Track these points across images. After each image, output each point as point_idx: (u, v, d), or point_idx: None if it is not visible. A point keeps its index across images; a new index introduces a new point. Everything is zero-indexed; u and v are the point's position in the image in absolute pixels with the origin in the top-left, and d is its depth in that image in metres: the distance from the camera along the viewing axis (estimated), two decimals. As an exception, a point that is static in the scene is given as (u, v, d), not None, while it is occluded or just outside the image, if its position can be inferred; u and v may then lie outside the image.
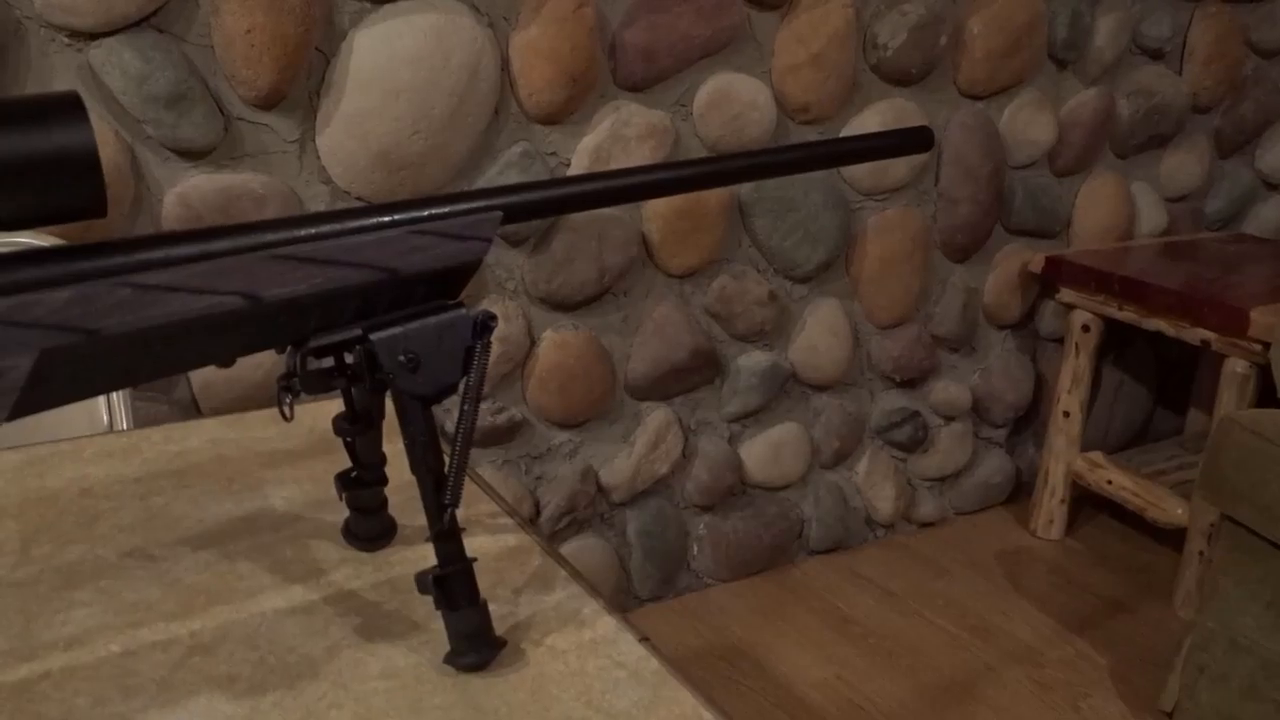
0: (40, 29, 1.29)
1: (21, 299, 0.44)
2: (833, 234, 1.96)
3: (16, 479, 0.73)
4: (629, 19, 1.67)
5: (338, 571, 0.63)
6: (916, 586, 2.08)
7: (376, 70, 1.48)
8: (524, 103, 1.62)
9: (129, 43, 1.32)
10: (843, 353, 2.05)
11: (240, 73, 1.39)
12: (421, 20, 1.49)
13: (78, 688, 0.52)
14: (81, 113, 0.43)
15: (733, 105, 1.79)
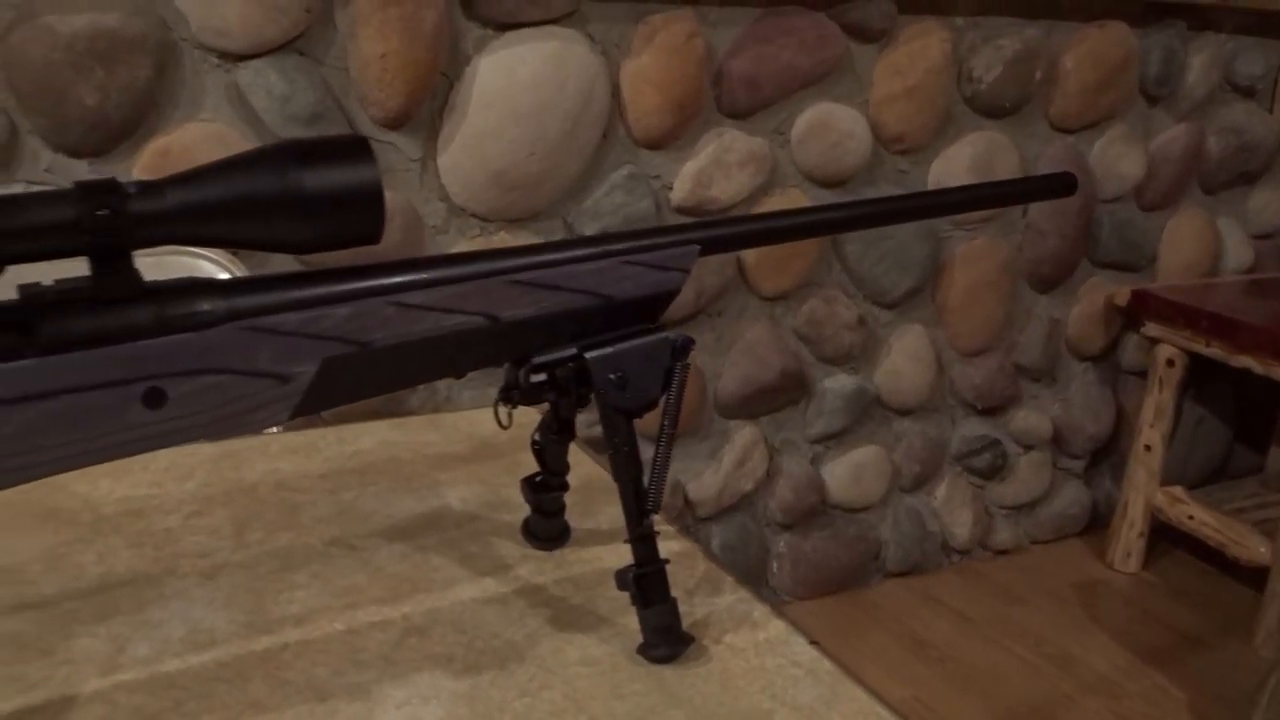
0: (194, 50, 1.38)
1: (312, 313, 0.50)
2: (921, 262, 1.99)
3: (217, 471, 0.80)
4: (735, 49, 1.72)
5: (522, 567, 0.69)
6: (993, 613, 2.10)
7: (497, 94, 1.55)
8: (632, 127, 1.68)
9: (274, 65, 1.41)
10: (926, 379, 2.08)
11: (372, 94, 1.47)
12: (541, 48, 1.56)
13: (314, 659, 0.58)
14: (370, 153, 0.49)
15: (830, 134, 1.84)
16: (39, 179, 1.34)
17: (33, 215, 0.44)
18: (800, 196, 1.86)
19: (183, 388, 0.48)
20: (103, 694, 0.55)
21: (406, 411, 1.53)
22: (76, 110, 1.31)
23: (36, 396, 0.45)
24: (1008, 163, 2.03)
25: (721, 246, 0.62)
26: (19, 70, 1.28)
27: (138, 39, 1.32)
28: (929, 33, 1.87)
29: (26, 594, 0.63)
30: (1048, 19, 1.99)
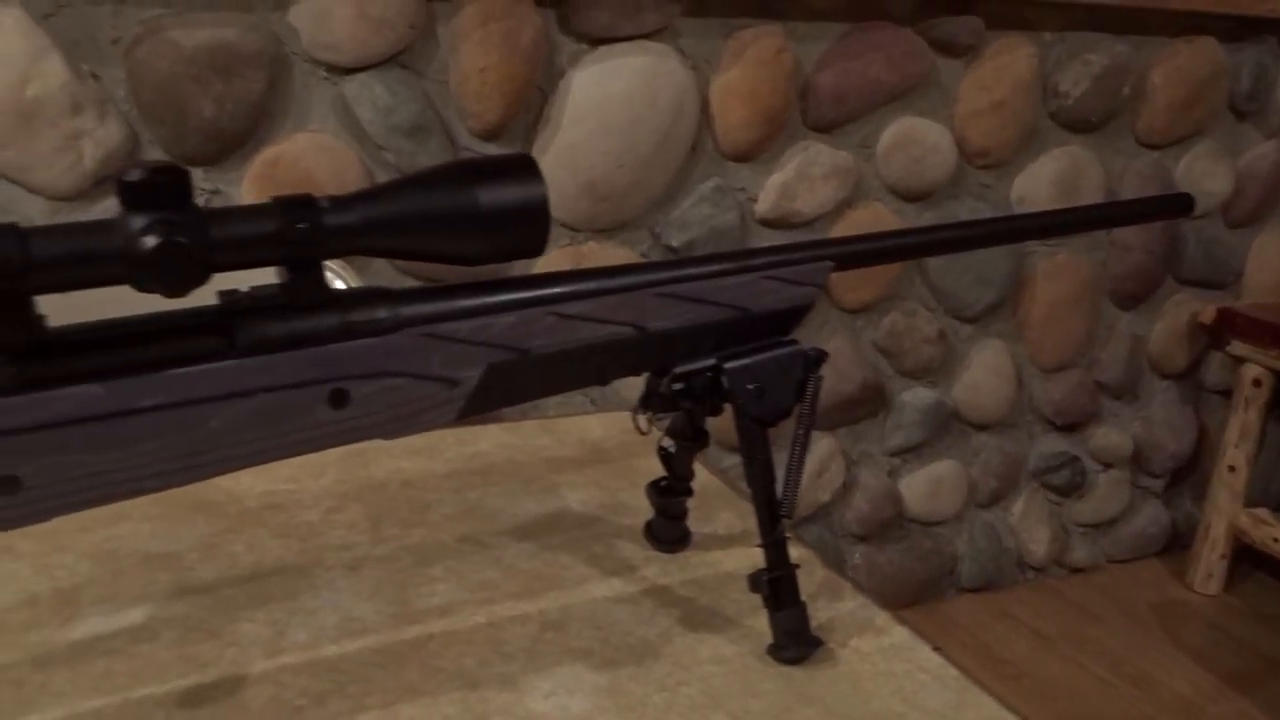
0: (304, 63, 1.43)
1: (480, 321, 0.53)
2: (1004, 277, 1.99)
3: (347, 469, 0.83)
4: (823, 63, 1.74)
5: (647, 569, 0.71)
6: (1070, 631, 2.08)
7: (590, 107, 1.58)
8: (719, 140, 1.71)
9: (379, 78, 1.46)
10: (1005, 394, 2.08)
11: (471, 107, 1.52)
12: (634, 62, 1.59)
13: (461, 650, 0.61)
14: (538, 172, 0.52)
15: (915, 148, 1.84)
16: (157, 186, 1.40)
17: (239, 228, 0.47)
18: (883, 210, 1.87)
19: (364, 389, 0.51)
20: (270, 675, 0.58)
21: (502, 416, 1.57)
22: (195, 121, 1.37)
23: (238, 394, 0.48)
24: (1092, 178, 2.02)
25: (853, 262, 0.64)
26: (144, 82, 1.34)
27: (254, 53, 1.38)
28: (1016, 48, 1.87)
29: (187, 580, 0.67)
30: (1136, 34, 1.98)
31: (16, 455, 0.45)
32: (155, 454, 0.48)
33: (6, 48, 1.26)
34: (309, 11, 1.40)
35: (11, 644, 0.60)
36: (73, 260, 0.44)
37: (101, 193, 1.37)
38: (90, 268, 0.45)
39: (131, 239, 0.44)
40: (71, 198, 1.36)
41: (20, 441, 0.45)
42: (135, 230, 0.45)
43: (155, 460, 0.48)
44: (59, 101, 1.30)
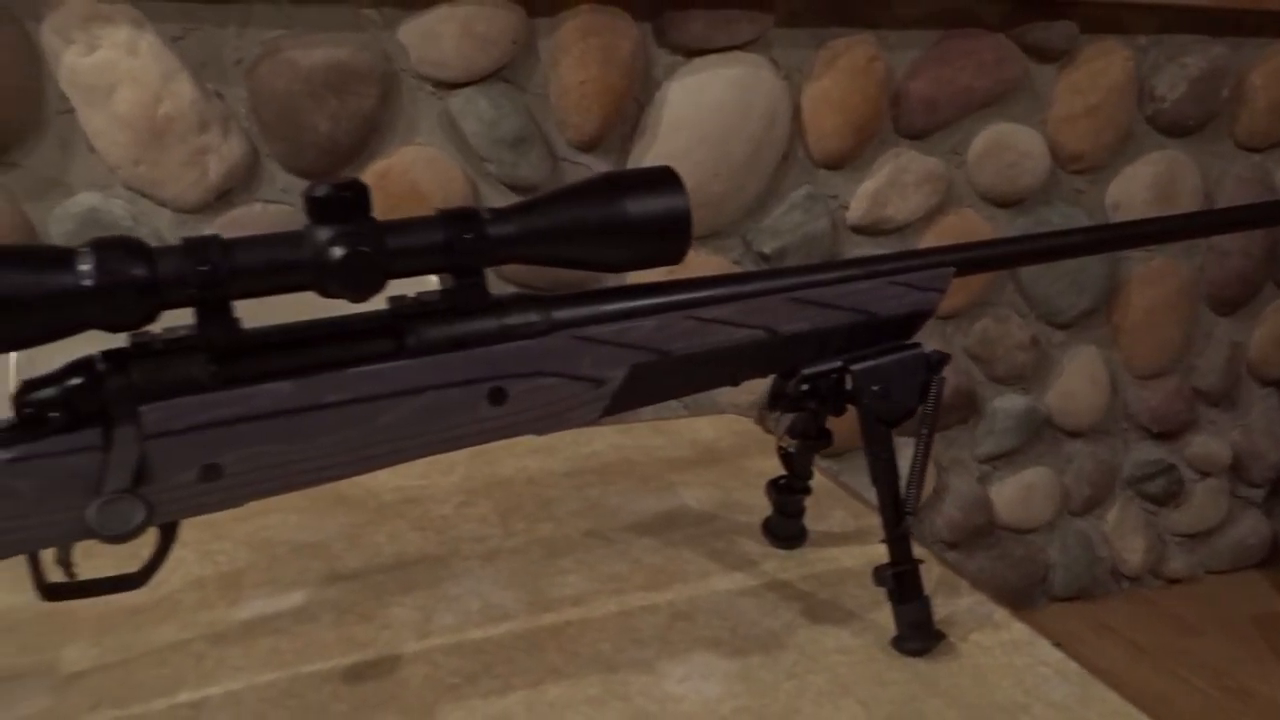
0: (412, 79, 1.49)
1: (625, 325, 0.57)
2: (1099, 282, 1.97)
3: (474, 467, 0.88)
4: (914, 71, 1.75)
5: (766, 564, 0.74)
6: (1166, 643, 2.04)
7: (685, 118, 1.62)
8: (811, 148, 1.73)
9: (483, 92, 1.51)
10: (1100, 400, 2.05)
11: (571, 119, 1.56)
12: (728, 73, 1.62)
13: (597, 636, 0.65)
14: (680, 184, 0.56)
15: (1008, 154, 1.84)
16: (276, 199, 1.47)
17: (412, 239, 0.51)
18: (974, 217, 1.87)
19: (520, 387, 0.55)
20: (423, 655, 0.62)
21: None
22: (311, 136, 1.44)
23: (408, 392, 0.53)
24: (1189, 182, 1.99)
25: (975, 268, 0.67)
26: (264, 100, 1.41)
27: (366, 70, 1.44)
28: (1111, 51, 1.86)
29: (337, 567, 0.72)
30: (1234, 36, 1.94)
31: (219, 445, 0.50)
32: (335, 446, 0.52)
33: (142, 69, 1.34)
34: (418, 30, 1.46)
35: (187, 622, 0.65)
36: (269, 269, 0.49)
37: (223, 205, 1.45)
38: (283, 275, 0.49)
39: (320, 249, 0.49)
40: (196, 210, 1.44)
41: (222, 433, 0.49)
42: (323, 241, 0.49)
43: (335, 451, 0.52)
44: (188, 119, 1.37)
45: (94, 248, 0.46)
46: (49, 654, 0.61)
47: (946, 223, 1.84)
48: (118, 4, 1.33)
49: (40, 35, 1.32)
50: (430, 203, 1.49)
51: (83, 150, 1.37)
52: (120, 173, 1.38)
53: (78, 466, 0.47)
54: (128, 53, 1.33)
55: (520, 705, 0.58)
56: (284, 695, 0.58)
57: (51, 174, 1.37)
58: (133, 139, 1.36)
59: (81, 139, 1.37)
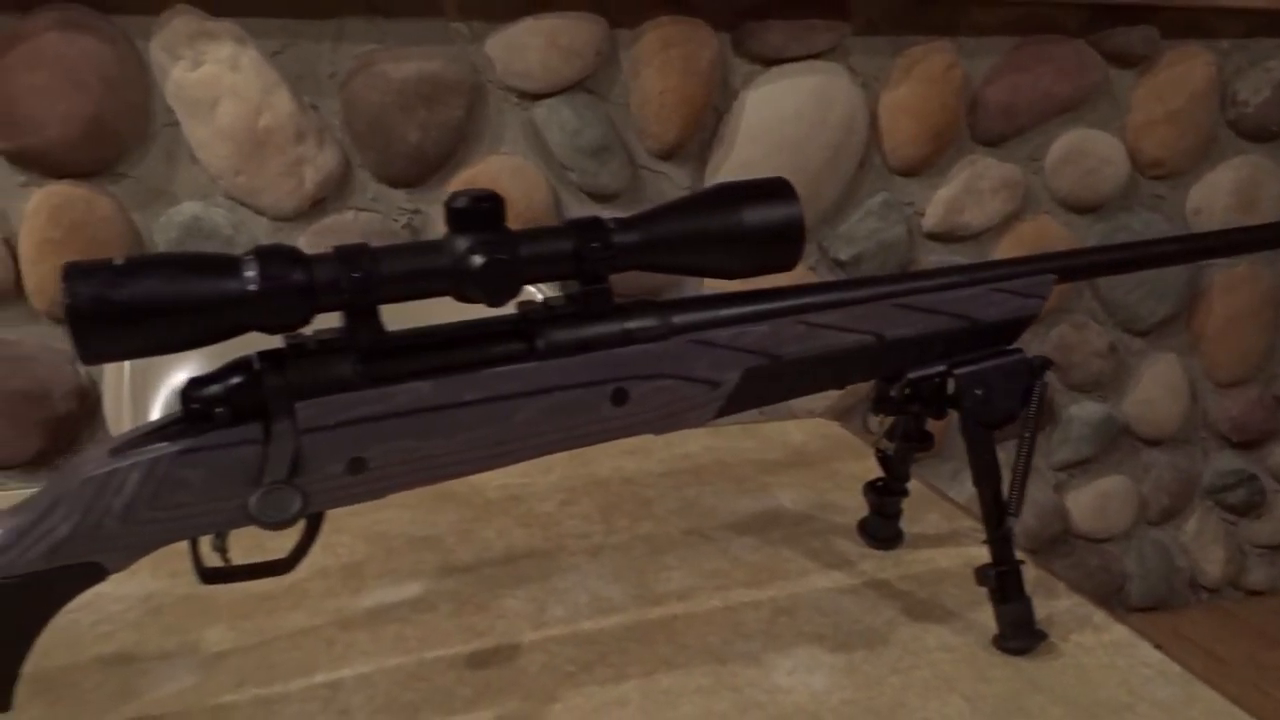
0: (498, 90, 1.53)
1: (739, 329, 0.59)
2: (1179, 289, 1.95)
3: (572, 466, 0.90)
4: (992, 78, 1.75)
5: (864, 563, 0.76)
6: (1247, 656, 2.01)
7: (763, 126, 1.64)
8: (887, 156, 1.74)
9: (566, 102, 1.54)
10: (1179, 409, 2.03)
11: (651, 128, 1.59)
12: (805, 81, 1.64)
13: (703, 629, 0.67)
14: (794, 194, 0.58)
15: (1086, 160, 1.83)
16: (366, 207, 1.52)
17: (544, 247, 0.54)
18: (1051, 223, 1.86)
19: (641, 389, 0.57)
20: (539, 644, 0.65)
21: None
22: (401, 146, 1.48)
23: (538, 392, 0.55)
24: (1272, 188, 1.96)
25: (1075, 275, 0.68)
26: (357, 111, 1.46)
27: (455, 82, 1.48)
28: (1192, 56, 1.84)
29: (450, 560, 0.75)
30: (1322, 39, 1.91)
31: (365, 440, 0.53)
32: (470, 442, 0.55)
33: (243, 84, 1.40)
34: (504, 42, 1.50)
35: (315, 609, 0.69)
36: (413, 275, 0.52)
37: (316, 213, 1.50)
38: (425, 282, 0.53)
39: (460, 257, 0.52)
40: (291, 218, 1.49)
41: (368, 428, 0.53)
42: (462, 250, 0.52)
43: (470, 447, 0.55)
44: (286, 130, 1.43)
45: (257, 256, 0.50)
46: (192, 635, 0.65)
47: (1023, 229, 1.83)
48: (222, 21, 1.39)
49: (149, 53, 1.38)
50: (514, 210, 1.52)
51: (186, 161, 1.43)
52: (221, 182, 1.44)
53: (240, 458, 0.51)
54: (230, 68, 1.39)
55: (635, 692, 0.60)
56: (411, 679, 0.62)
57: (157, 184, 1.43)
58: (234, 150, 1.42)
59: (185, 150, 1.43)
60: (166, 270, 0.48)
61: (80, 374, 1.46)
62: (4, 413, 1.42)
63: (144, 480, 0.50)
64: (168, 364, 1.16)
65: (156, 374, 1.16)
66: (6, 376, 1.42)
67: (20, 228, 1.39)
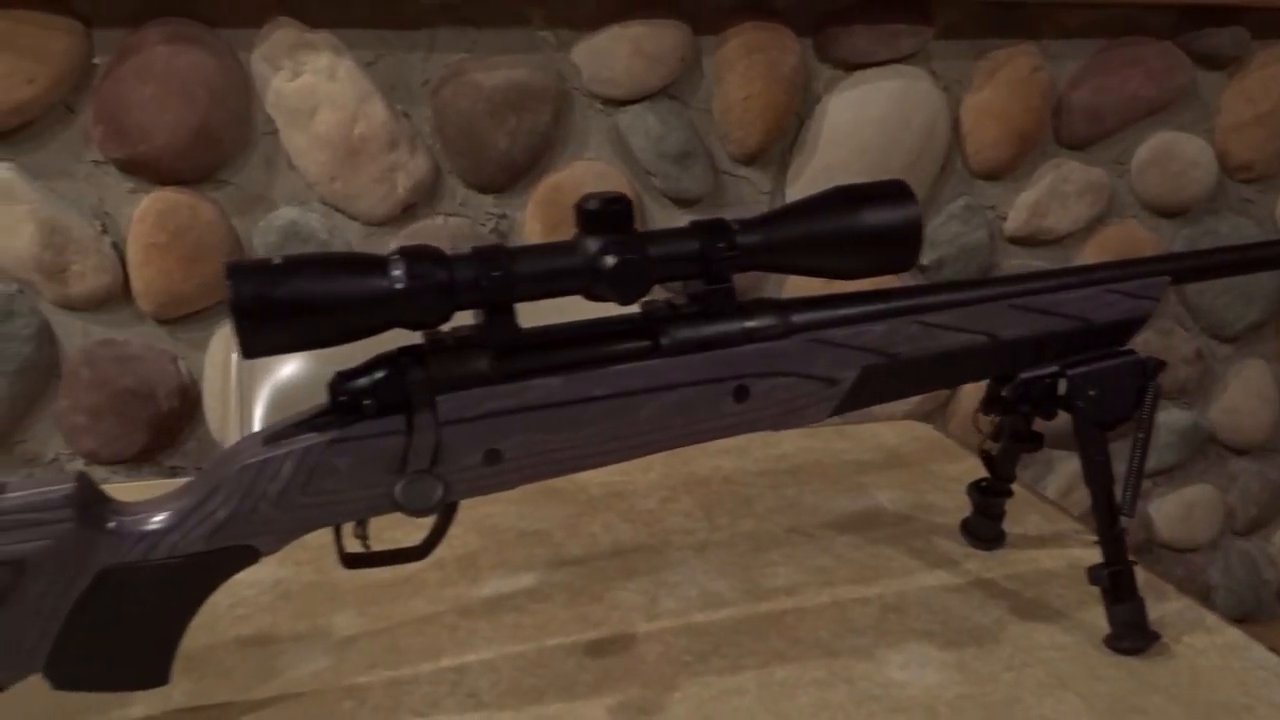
0: (583, 97, 1.56)
1: (857, 329, 0.60)
2: (1269, 294, 1.91)
3: (670, 465, 0.92)
4: (1077, 80, 1.73)
5: (968, 563, 0.76)
6: (1340, 670, 1.95)
7: (845, 130, 1.64)
8: (970, 159, 1.73)
9: (651, 109, 1.57)
10: (1268, 417, 1.99)
11: (733, 133, 1.60)
12: (888, 86, 1.64)
13: (814, 624, 0.68)
14: (912, 196, 0.59)
15: (1174, 163, 1.80)
16: (454, 212, 1.56)
17: (671, 247, 0.56)
18: (1137, 227, 1.84)
19: (761, 386, 0.59)
20: (654, 635, 0.67)
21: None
22: (490, 153, 1.52)
23: (663, 388, 0.57)
24: (1368, 191, 1.92)
25: (1189, 277, 0.68)
26: (447, 119, 1.50)
27: (542, 89, 1.51)
28: (1285, 57, 1.81)
29: (560, 553, 0.78)
30: None
31: (500, 433, 0.55)
32: (598, 436, 0.57)
33: (340, 93, 1.44)
34: (590, 50, 1.52)
35: (435, 597, 0.71)
36: (547, 275, 0.54)
37: (407, 219, 1.54)
38: (559, 281, 0.55)
39: (593, 258, 0.54)
40: (383, 223, 1.53)
41: (503, 422, 0.55)
42: (594, 251, 0.54)
43: (598, 441, 0.57)
44: (379, 138, 1.47)
45: (403, 255, 0.52)
46: (321, 620, 0.68)
47: (1108, 233, 1.81)
48: (320, 32, 1.43)
49: (250, 64, 1.43)
50: (599, 215, 1.55)
51: (284, 168, 1.48)
52: (317, 189, 1.49)
53: (385, 448, 0.54)
54: (328, 77, 1.44)
55: (752, 683, 0.62)
56: (533, 665, 0.64)
57: (257, 190, 1.48)
58: (330, 157, 1.46)
59: (284, 158, 1.48)
60: (321, 269, 0.51)
61: (182, 372, 1.52)
62: (113, 410, 1.48)
63: (297, 467, 0.53)
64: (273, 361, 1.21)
65: (263, 371, 1.20)
66: (115, 375, 1.47)
67: (128, 232, 1.44)
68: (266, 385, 1.21)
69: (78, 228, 1.42)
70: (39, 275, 1.42)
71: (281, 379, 1.20)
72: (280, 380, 1.20)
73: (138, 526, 0.53)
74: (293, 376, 1.20)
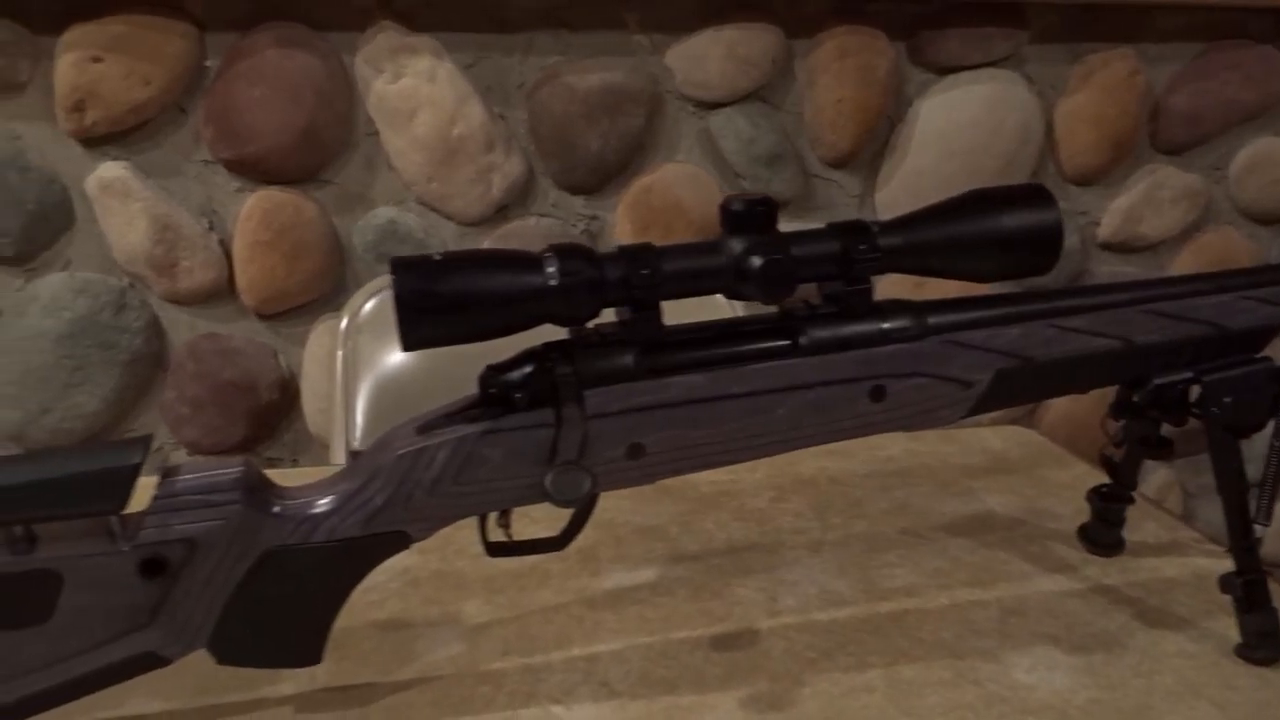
0: (675, 100, 1.57)
1: (991, 331, 0.61)
2: (1372, 305, 1.86)
3: (776, 465, 0.93)
4: (1175, 85, 1.71)
5: (1087, 569, 0.76)
6: None
7: (936, 134, 1.64)
8: (1063, 164, 1.71)
9: (742, 112, 1.57)
10: (1368, 431, 1.93)
11: (825, 136, 1.61)
12: (981, 90, 1.63)
13: (936, 625, 0.69)
14: (1053, 200, 0.59)
15: (1273, 169, 1.77)
16: (546, 213, 1.58)
17: (813, 248, 0.57)
18: (1234, 234, 1.80)
19: (897, 386, 0.60)
20: (776, 631, 0.68)
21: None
22: (583, 154, 1.54)
23: (800, 387, 0.58)
24: None
25: (1334, 283, 0.67)
26: (542, 122, 1.52)
27: (636, 92, 1.53)
28: (1393, 61, 1.76)
29: (678, 549, 0.79)
30: None
31: (643, 427, 0.57)
32: (736, 432, 0.58)
33: (439, 95, 1.47)
34: (684, 53, 1.54)
35: (560, 589, 0.73)
36: (693, 274, 0.56)
37: (499, 219, 1.57)
38: (703, 280, 0.56)
39: (739, 258, 0.55)
40: (476, 223, 1.56)
41: (646, 417, 0.56)
42: (739, 251, 0.55)
43: (737, 437, 0.58)
44: (477, 139, 1.50)
45: (556, 254, 0.54)
46: (451, 607, 0.70)
47: (1204, 240, 1.78)
48: (421, 36, 1.47)
49: (354, 67, 1.47)
50: (690, 217, 1.56)
51: (383, 168, 1.52)
52: (415, 189, 1.52)
53: (535, 440, 0.55)
54: (428, 80, 1.47)
55: (880, 680, 0.63)
56: (662, 657, 0.65)
57: (357, 190, 1.52)
58: (428, 158, 1.50)
59: (383, 158, 1.51)
60: (480, 265, 0.53)
61: (281, 366, 1.56)
62: (215, 401, 1.53)
63: (451, 456, 0.55)
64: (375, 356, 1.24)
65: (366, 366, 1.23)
66: (219, 368, 1.52)
67: (234, 230, 1.49)
68: (368, 379, 1.24)
69: (187, 225, 1.47)
70: (150, 270, 1.47)
71: (382, 374, 1.24)
72: (381, 375, 1.23)
73: (299, 510, 0.55)
74: (392, 372, 1.23)
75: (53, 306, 1.45)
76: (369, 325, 1.24)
